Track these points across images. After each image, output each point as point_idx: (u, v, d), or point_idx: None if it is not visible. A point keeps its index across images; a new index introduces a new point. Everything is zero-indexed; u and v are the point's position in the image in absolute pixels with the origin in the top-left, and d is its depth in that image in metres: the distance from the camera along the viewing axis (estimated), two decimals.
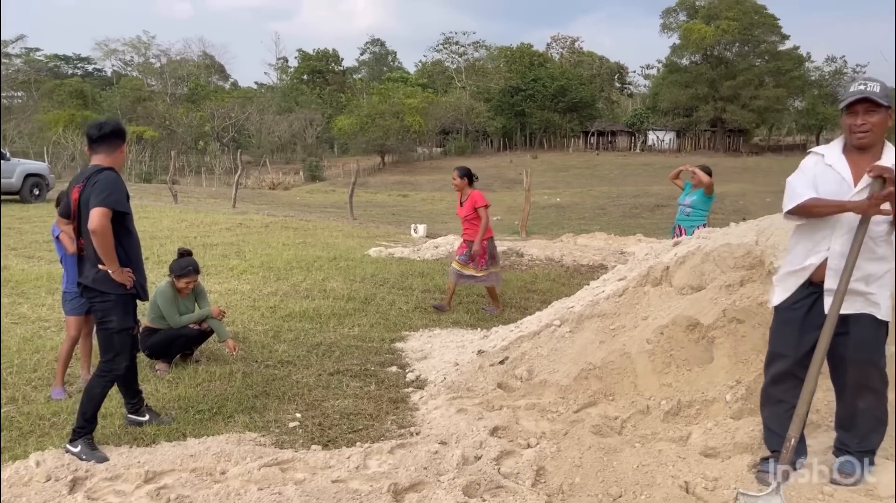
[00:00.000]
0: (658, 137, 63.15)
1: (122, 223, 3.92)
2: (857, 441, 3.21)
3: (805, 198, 3.04)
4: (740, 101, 56.46)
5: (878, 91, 2.97)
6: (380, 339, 6.48)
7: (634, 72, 79.95)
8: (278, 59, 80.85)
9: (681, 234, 7.40)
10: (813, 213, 3.05)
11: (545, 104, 62.04)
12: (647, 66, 75.09)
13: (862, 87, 3.00)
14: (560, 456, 3.60)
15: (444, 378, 5.19)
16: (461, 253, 7.60)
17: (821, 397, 3.64)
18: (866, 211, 2.91)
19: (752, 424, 3.59)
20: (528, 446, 3.86)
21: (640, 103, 72.13)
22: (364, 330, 6.79)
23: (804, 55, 61.34)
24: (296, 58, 76.30)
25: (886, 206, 2.89)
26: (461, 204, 7.61)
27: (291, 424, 4.41)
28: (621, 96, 78.78)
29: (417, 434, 4.23)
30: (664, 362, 4.39)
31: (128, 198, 3.97)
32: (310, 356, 5.87)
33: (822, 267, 3.08)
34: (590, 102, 65.21)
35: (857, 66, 62.21)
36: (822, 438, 3.52)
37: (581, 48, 76.25)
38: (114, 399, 4.48)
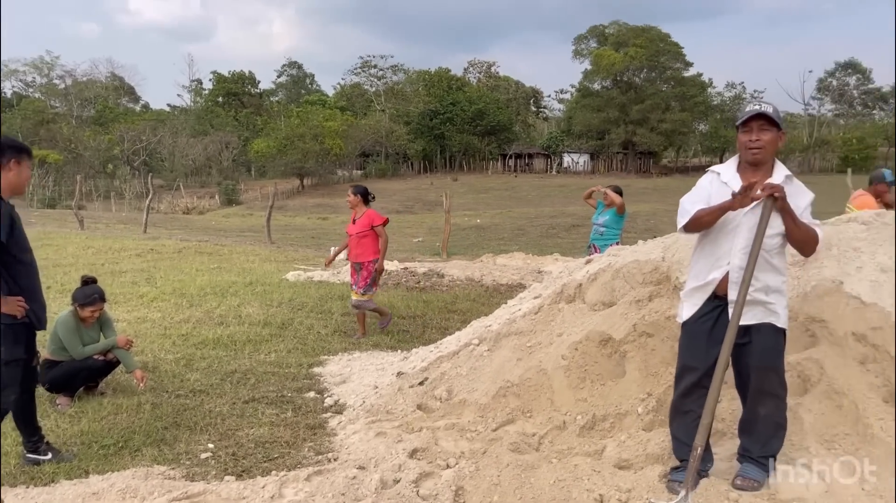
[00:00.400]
0: (573, 159, 65.09)
1: (6, 252, 3.66)
2: (759, 447, 3.34)
3: (692, 212, 3.24)
4: (649, 125, 59.00)
5: (771, 111, 3.17)
6: (297, 365, 6.34)
7: (549, 96, 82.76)
8: (192, 80, 79.29)
9: (595, 253, 7.59)
10: (702, 223, 3.25)
11: (464, 127, 62.99)
12: (561, 91, 77.95)
13: (757, 107, 3.21)
14: (479, 475, 3.60)
15: (364, 402, 5.12)
16: (355, 281, 7.57)
17: (725, 406, 3.79)
18: (740, 204, 3.12)
19: (662, 435, 3.69)
20: (448, 467, 3.84)
21: (556, 127, 74.24)
22: (281, 355, 6.64)
23: (707, 81, 64.84)
24: (210, 80, 74.93)
25: (760, 192, 3.09)
26: (354, 221, 7.61)
27: (203, 455, 4.24)
28: (537, 120, 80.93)
29: (335, 460, 4.15)
30: (579, 377, 4.48)
31: (13, 224, 3.72)
32: (223, 384, 5.69)
33: (725, 280, 3.23)
34: (507, 126, 66.63)
35: (755, 91, 66.46)
36: (727, 446, 3.65)
37: (497, 73, 78.09)
38: (8, 437, 4.21)
